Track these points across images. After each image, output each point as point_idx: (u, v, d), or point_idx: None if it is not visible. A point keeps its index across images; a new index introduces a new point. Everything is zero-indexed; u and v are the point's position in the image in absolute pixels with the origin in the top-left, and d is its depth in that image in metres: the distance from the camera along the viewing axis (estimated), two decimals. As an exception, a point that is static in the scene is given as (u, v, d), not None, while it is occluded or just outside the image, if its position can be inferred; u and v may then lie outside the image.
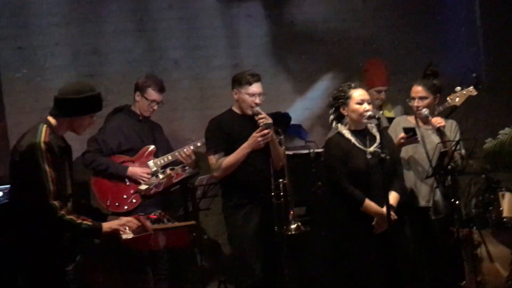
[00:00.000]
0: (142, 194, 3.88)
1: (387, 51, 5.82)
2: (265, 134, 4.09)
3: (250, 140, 4.13)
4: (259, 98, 4.22)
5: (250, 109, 4.21)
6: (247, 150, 4.13)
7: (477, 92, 4.62)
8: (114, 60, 5.40)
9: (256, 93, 4.21)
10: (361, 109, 4.00)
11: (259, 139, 4.09)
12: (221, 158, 4.18)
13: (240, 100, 4.26)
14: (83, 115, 3.31)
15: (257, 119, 4.14)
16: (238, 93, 4.25)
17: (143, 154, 4.68)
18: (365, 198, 3.94)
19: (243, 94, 4.21)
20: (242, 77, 4.24)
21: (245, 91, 4.21)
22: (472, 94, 4.60)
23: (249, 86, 4.20)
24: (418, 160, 4.41)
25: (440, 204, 4.32)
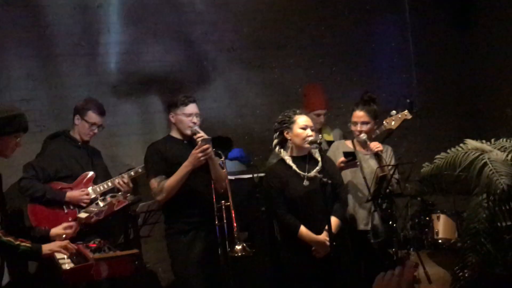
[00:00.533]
0: (83, 222, 3.77)
1: (325, 77, 5.95)
2: (204, 149, 4.06)
3: (190, 157, 4.09)
4: (196, 118, 4.25)
5: (189, 129, 4.22)
6: (188, 169, 4.09)
7: (411, 116, 4.79)
8: (49, 85, 5.27)
9: (193, 113, 4.24)
10: (304, 134, 4.09)
11: (199, 155, 4.05)
12: (162, 181, 4.13)
13: (177, 122, 4.26)
14: (5, 135, 3.24)
15: (195, 138, 4.14)
16: (174, 115, 4.27)
17: (82, 181, 4.56)
18: (300, 226, 4.01)
19: (180, 115, 4.23)
20: (177, 100, 4.28)
21: (181, 112, 4.23)
22: (407, 117, 4.77)
23: (185, 107, 4.23)
24: (356, 185, 4.51)
25: (379, 227, 4.41)
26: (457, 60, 6.37)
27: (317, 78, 5.90)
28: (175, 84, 5.61)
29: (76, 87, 5.31)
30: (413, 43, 6.34)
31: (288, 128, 4.14)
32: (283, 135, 4.17)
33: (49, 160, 4.52)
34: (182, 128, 4.25)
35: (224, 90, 5.80)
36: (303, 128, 4.10)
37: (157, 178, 4.15)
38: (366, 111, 4.46)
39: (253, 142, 5.79)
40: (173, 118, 4.28)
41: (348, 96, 5.53)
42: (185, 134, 4.25)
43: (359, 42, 6.22)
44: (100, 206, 3.73)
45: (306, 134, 4.09)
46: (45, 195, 4.42)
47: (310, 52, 6.03)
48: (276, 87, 5.90)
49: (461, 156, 3.47)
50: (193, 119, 4.23)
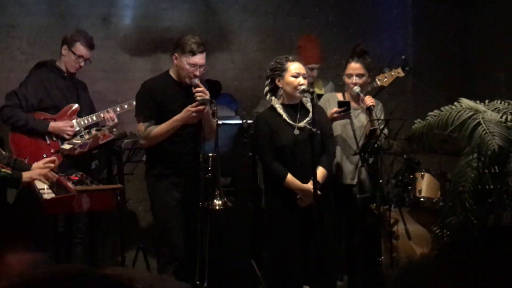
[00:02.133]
0: (66, 153, 3.70)
1: (320, 26, 5.83)
2: (200, 110, 3.90)
3: (183, 113, 3.93)
4: (200, 70, 4.01)
5: (188, 79, 4.00)
6: (179, 123, 3.95)
7: (404, 74, 4.73)
8: (39, 12, 5.10)
9: (198, 64, 3.99)
10: (296, 82, 4.01)
11: (193, 114, 3.91)
12: (150, 127, 4.00)
13: (178, 67, 4.03)
14: None
15: (194, 91, 3.94)
16: (178, 58, 4.02)
17: (66, 113, 4.47)
18: (287, 174, 3.97)
19: (184, 62, 3.98)
20: (186, 44, 3.98)
21: (186, 59, 3.97)
22: (399, 75, 4.72)
23: (191, 56, 3.97)
24: (345, 138, 4.47)
25: (366, 182, 4.41)
26: (454, 21, 6.27)
27: (312, 27, 5.78)
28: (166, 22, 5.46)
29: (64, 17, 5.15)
30: (412, 0, 6.23)
31: (280, 75, 4.04)
32: (275, 83, 4.09)
33: (33, 90, 4.42)
34: (182, 75, 4.04)
35: (216, 32, 5.67)
36: (295, 76, 4.02)
37: (146, 122, 4.02)
38: (362, 64, 4.39)
39: (243, 88, 5.70)
40: (176, 61, 4.04)
41: (343, 49, 5.43)
42: (183, 81, 4.06)
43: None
44: (85, 138, 3.65)
45: (298, 82, 4.01)
46: (28, 124, 4.32)
47: (307, 0, 5.90)
48: (270, 34, 5.77)
49: (454, 115, 3.45)
50: (196, 71, 3.98)
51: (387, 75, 4.68)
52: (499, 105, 3.51)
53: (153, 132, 3.99)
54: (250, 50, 5.76)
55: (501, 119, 3.32)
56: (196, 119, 3.94)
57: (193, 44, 3.98)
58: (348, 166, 4.44)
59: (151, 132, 3.99)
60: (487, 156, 3.20)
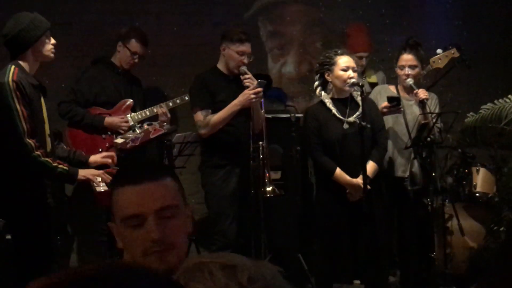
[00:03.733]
0: (118, 147, 3.79)
1: (373, 19, 5.75)
2: (258, 92, 4.01)
3: (241, 97, 4.05)
4: (248, 58, 4.15)
5: (237, 68, 4.14)
6: (238, 108, 4.06)
7: (459, 55, 4.60)
8: (93, 9, 5.23)
9: (246, 52, 4.14)
10: (345, 76, 3.98)
11: (252, 96, 4.01)
12: (208, 115, 4.11)
13: (227, 57, 4.19)
14: (38, 38, 3.26)
15: (242, 79, 4.08)
16: (226, 49, 4.18)
17: (121, 108, 4.57)
18: (336, 168, 3.96)
19: (232, 51, 4.14)
20: (233, 34, 4.17)
21: (234, 48, 4.13)
22: (454, 55, 4.59)
23: (240, 44, 4.13)
24: (397, 131, 4.41)
25: (418, 175, 4.33)
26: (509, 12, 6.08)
27: (364, 19, 5.70)
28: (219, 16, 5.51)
29: (118, 13, 5.26)
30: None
31: (329, 70, 4.03)
32: (324, 77, 4.07)
33: (88, 85, 4.53)
34: (231, 65, 4.19)
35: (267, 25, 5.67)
36: (344, 69, 3.99)
37: (203, 111, 4.14)
38: (415, 55, 4.32)
39: (294, 82, 5.69)
40: (224, 51, 4.20)
41: (395, 41, 5.34)
42: (232, 71, 4.20)
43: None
44: (137, 132, 3.73)
45: (348, 75, 3.99)
46: (84, 119, 4.45)
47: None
48: (321, 26, 5.73)
49: (508, 108, 3.36)
50: (244, 59, 4.14)
51: (441, 57, 4.58)
52: (556, 97, 3.38)
53: (212, 119, 4.10)
54: (301, 42, 5.74)
55: (558, 112, 3.20)
56: (254, 102, 4.04)
57: (240, 33, 4.17)
58: (400, 158, 4.38)
59: (210, 120, 4.10)
60: (543, 150, 3.09)
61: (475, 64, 5.55)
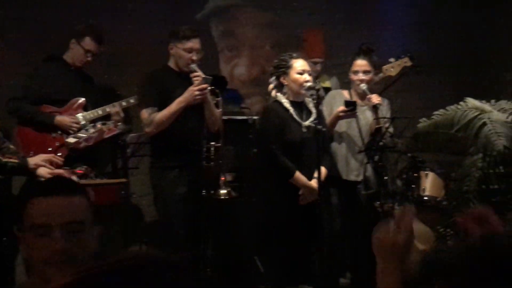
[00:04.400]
0: (71, 147, 3.71)
1: (328, 23, 5.82)
2: (203, 88, 3.91)
3: (186, 93, 3.94)
4: (197, 54, 4.06)
5: (187, 66, 4.03)
6: (182, 104, 3.95)
7: (411, 64, 4.68)
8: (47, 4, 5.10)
9: (194, 49, 4.04)
10: (301, 79, 4.01)
11: (196, 92, 3.91)
12: (154, 113, 4.01)
13: (176, 56, 4.09)
14: None
15: (192, 76, 3.96)
16: (174, 47, 4.08)
17: (72, 106, 4.47)
18: (296, 170, 3.97)
19: (180, 49, 4.04)
20: (179, 31, 4.06)
21: (181, 46, 4.03)
22: (407, 64, 4.67)
23: (186, 41, 4.03)
24: (350, 135, 4.47)
25: (371, 179, 4.40)
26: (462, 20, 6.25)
27: (320, 23, 5.76)
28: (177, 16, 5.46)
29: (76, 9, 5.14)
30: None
31: (284, 73, 4.04)
32: (279, 80, 4.08)
33: (39, 82, 4.42)
34: (180, 63, 4.08)
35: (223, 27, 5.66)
36: (300, 73, 4.02)
37: (149, 109, 4.02)
38: (368, 61, 4.39)
39: (245, 84, 5.70)
40: (172, 50, 4.10)
41: (350, 46, 5.40)
42: (182, 69, 4.10)
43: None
44: (90, 132, 3.66)
45: (304, 79, 4.01)
46: (34, 117, 4.33)
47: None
48: (277, 29, 5.76)
49: (459, 114, 3.46)
50: (193, 56, 4.03)
51: (393, 65, 4.66)
52: (505, 105, 3.51)
53: (157, 117, 3.97)
54: (257, 46, 5.76)
55: (507, 119, 3.32)
56: (199, 99, 3.94)
57: (186, 30, 4.06)
58: (353, 162, 4.44)
59: (155, 118, 3.98)
60: (492, 157, 3.20)
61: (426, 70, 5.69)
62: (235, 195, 3.98)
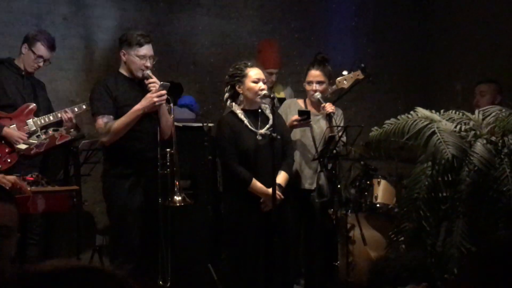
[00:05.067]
0: (21, 153, 3.64)
1: (282, 32, 5.88)
2: (162, 94, 3.86)
3: (144, 101, 3.87)
4: (150, 61, 3.97)
5: (140, 72, 3.95)
6: (140, 112, 3.88)
7: (364, 76, 4.78)
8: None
9: (147, 55, 3.95)
10: (256, 88, 4.03)
11: (155, 99, 3.84)
12: (110, 122, 3.92)
13: (128, 62, 3.98)
14: None
15: (147, 83, 3.89)
16: (126, 54, 3.97)
17: (23, 112, 4.38)
18: (252, 179, 3.99)
19: (133, 56, 3.94)
20: (131, 37, 3.96)
21: (135, 52, 3.94)
22: (359, 77, 4.76)
23: (139, 48, 3.93)
24: (304, 144, 4.52)
25: (325, 187, 4.45)
26: (413, 30, 6.42)
27: (274, 32, 5.82)
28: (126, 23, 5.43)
29: (24, 14, 5.06)
30: (372, 8, 6.33)
31: (239, 81, 4.06)
32: (235, 89, 4.10)
33: (-10, 87, 4.33)
34: (133, 69, 3.98)
35: (179, 35, 5.66)
36: (255, 81, 4.04)
37: (105, 118, 3.91)
38: (322, 71, 4.45)
39: (205, 91, 5.71)
40: (124, 57, 3.99)
41: (304, 55, 5.50)
42: (136, 75, 4.01)
43: (320, 1, 6.16)
44: (42, 138, 3.60)
45: (259, 87, 4.04)
46: (-17, 123, 4.23)
47: (271, 6, 5.94)
48: (233, 37, 5.79)
49: (410, 124, 3.52)
50: (146, 63, 3.94)
51: (346, 78, 4.73)
52: (454, 115, 3.59)
53: (114, 126, 3.88)
54: (213, 53, 5.77)
55: (455, 129, 3.40)
56: (158, 106, 3.89)
57: (138, 36, 3.96)
58: (307, 171, 4.49)
59: (111, 127, 3.89)
60: (441, 165, 3.27)
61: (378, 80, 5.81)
62: (190, 202, 3.95)
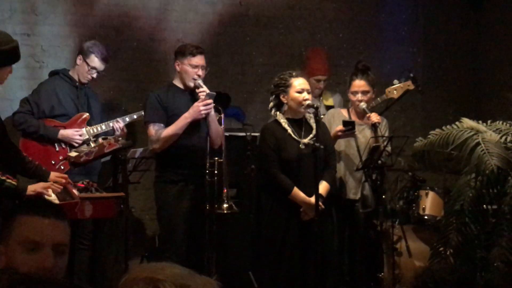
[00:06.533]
0: (72, 161, 3.78)
1: (331, 42, 5.89)
2: (207, 103, 4.05)
3: (191, 109, 4.08)
4: (202, 70, 4.20)
5: (192, 81, 4.18)
6: (188, 120, 4.08)
7: (414, 87, 4.73)
8: (53, 21, 5.21)
9: (199, 64, 4.19)
10: (300, 98, 4.06)
11: (201, 108, 4.04)
12: (160, 130, 4.11)
13: (182, 72, 4.22)
14: (4, 66, 3.31)
15: (198, 91, 4.12)
16: (180, 64, 4.21)
17: (76, 121, 4.56)
18: (294, 187, 4.01)
19: (186, 65, 4.18)
20: (185, 48, 4.24)
21: (188, 62, 4.18)
22: (409, 88, 4.72)
23: (192, 57, 4.17)
24: (348, 154, 4.51)
25: (369, 197, 4.43)
26: (464, 39, 6.30)
27: (322, 42, 5.83)
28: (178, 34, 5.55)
29: (79, 27, 5.25)
30: (423, 18, 6.25)
31: (284, 91, 4.10)
32: (279, 98, 4.14)
33: (45, 97, 4.51)
34: (186, 79, 4.21)
35: (227, 45, 5.74)
36: (299, 91, 4.07)
37: (155, 126, 4.14)
38: (366, 80, 4.44)
39: (252, 101, 5.77)
40: (179, 67, 4.24)
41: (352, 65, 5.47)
42: (188, 85, 4.22)
43: (369, 10, 6.14)
44: (91, 146, 3.74)
45: (303, 97, 4.07)
46: (39, 131, 4.42)
47: (318, 16, 5.95)
48: (280, 48, 5.83)
49: (455, 134, 3.47)
50: (199, 72, 4.18)
51: (396, 88, 4.70)
52: (501, 125, 3.52)
53: (164, 133, 4.09)
54: (260, 64, 5.83)
55: (501, 140, 3.34)
56: (204, 114, 4.06)
57: (191, 47, 4.24)
58: (351, 181, 4.48)
59: (161, 134, 4.09)
60: (485, 176, 3.21)
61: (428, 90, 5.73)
62: (236, 210, 4.03)
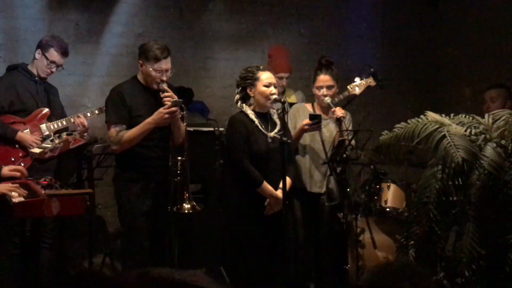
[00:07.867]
0: (35, 157, 3.69)
1: (292, 37, 5.92)
2: (173, 111, 3.88)
3: (155, 115, 3.91)
4: (166, 74, 4.00)
5: (156, 85, 3.99)
6: (151, 126, 3.92)
7: (375, 83, 4.81)
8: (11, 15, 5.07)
9: (163, 69, 3.97)
10: (267, 92, 4.06)
11: (166, 116, 3.88)
12: (121, 131, 3.97)
13: (145, 74, 4.02)
14: None
15: (162, 96, 3.93)
16: (144, 65, 4.00)
17: (36, 117, 4.44)
18: (263, 180, 4.01)
19: (149, 68, 3.97)
20: (149, 51, 3.96)
21: (151, 66, 3.95)
22: (371, 84, 4.79)
23: (156, 63, 3.95)
24: (314, 148, 4.54)
25: (334, 191, 4.48)
26: (422, 35, 6.44)
27: (284, 37, 5.86)
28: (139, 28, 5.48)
29: (36, 20, 5.12)
30: (382, 14, 6.35)
31: (251, 84, 4.09)
32: (246, 92, 4.13)
33: (3, 92, 4.38)
34: (149, 81, 4.02)
35: (189, 40, 5.70)
36: (266, 85, 4.07)
37: (117, 127, 3.97)
38: (330, 75, 4.48)
39: (214, 96, 5.75)
40: (142, 67, 4.02)
41: (313, 60, 5.50)
42: (151, 86, 4.04)
43: (330, 6, 6.20)
44: (55, 142, 3.64)
45: (270, 91, 4.07)
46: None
47: (280, 11, 5.98)
48: (243, 42, 5.83)
49: (420, 127, 3.53)
50: (163, 76, 3.97)
51: (358, 84, 4.75)
52: (464, 119, 3.60)
53: (125, 136, 3.95)
54: (223, 58, 5.81)
55: (465, 133, 3.41)
56: (169, 121, 3.92)
57: (157, 50, 3.96)
58: (316, 174, 4.51)
59: (123, 137, 3.95)
60: (451, 168, 3.28)
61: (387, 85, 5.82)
62: (199, 209, 3.97)
